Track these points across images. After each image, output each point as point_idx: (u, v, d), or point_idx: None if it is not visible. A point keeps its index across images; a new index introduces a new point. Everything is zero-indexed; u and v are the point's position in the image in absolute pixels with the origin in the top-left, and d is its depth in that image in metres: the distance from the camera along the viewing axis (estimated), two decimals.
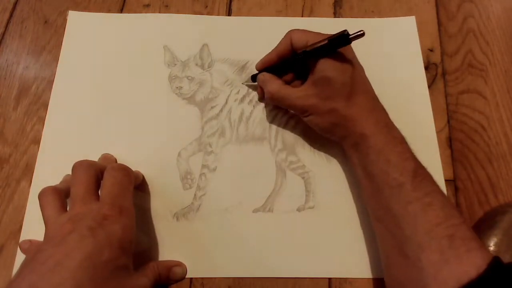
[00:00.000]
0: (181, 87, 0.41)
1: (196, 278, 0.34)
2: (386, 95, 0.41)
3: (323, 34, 0.33)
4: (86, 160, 0.32)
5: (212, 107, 0.40)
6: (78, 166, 0.31)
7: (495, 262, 0.25)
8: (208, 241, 0.35)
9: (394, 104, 0.40)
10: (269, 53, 0.37)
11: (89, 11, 0.45)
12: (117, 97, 0.41)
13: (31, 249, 0.32)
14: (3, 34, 0.44)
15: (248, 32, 0.44)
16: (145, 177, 0.37)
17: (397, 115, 0.40)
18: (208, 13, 0.45)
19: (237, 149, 0.39)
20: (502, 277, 0.25)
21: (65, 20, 0.44)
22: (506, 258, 0.32)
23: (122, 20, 0.44)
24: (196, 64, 0.42)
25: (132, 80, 0.41)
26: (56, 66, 0.42)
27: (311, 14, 0.45)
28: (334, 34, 0.31)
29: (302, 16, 0.45)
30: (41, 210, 0.29)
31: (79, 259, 0.25)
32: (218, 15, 0.45)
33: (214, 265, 0.35)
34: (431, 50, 0.43)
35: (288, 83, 0.37)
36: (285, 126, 0.40)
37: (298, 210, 0.37)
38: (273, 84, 0.36)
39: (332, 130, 0.34)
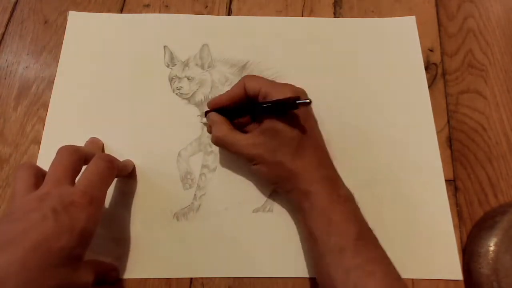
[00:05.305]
0: (181, 87, 0.41)
1: (196, 278, 0.34)
2: (386, 95, 0.41)
3: (275, 82, 0.33)
4: (73, 145, 0.31)
5: None
6: (63, 150, 0.30)
7: None
8: (208, 241, 0.35)
9: (394, 104, 0.41)
10: (222, 94, 0.35)
11: (89, 11, 0.45)
12: (117, 98, 0.41)
13: None
14: (3, 34, 0.44)
15: (248, 32, 0.44)
16: (145, 177, 0.38)
17: (397, 115, 0.40)
18: (208, 13, 0.45)
19: None
20: None
21: (65, 20, 0.44)
22: (506, 258, 0.32)
23: (122, 20, 0.44)
24: (196, 64, 0.42)
25: (132, 80, 0.41)
26: (56, 66, 0.42)
27: (311, 14, 0.45)
28: (285, 98, 0.30)
29: (302, 16, 0.45)
30: (14, 183, 0.29)
31: (34, 240, 0.24)
32: (218, 15, 0.45)
33: (214, 265, 0.35)
34: (431, 50, 0.43)
35: (244, 125, 0.36)
36: None
37: None
38: (220, 128, 0.34)
39: (279, 183, 0.33)
